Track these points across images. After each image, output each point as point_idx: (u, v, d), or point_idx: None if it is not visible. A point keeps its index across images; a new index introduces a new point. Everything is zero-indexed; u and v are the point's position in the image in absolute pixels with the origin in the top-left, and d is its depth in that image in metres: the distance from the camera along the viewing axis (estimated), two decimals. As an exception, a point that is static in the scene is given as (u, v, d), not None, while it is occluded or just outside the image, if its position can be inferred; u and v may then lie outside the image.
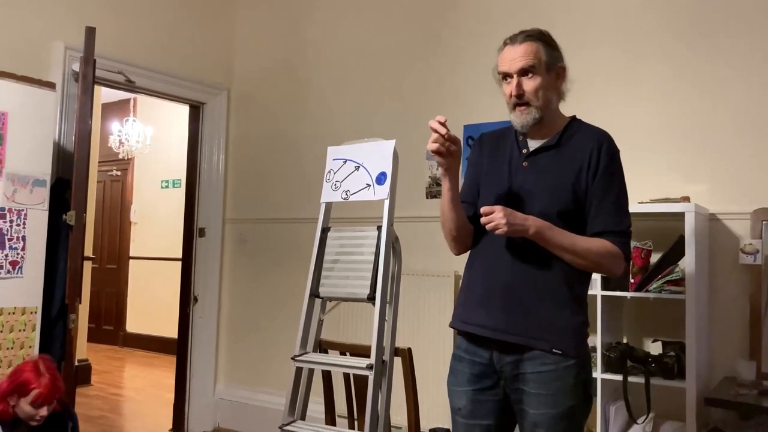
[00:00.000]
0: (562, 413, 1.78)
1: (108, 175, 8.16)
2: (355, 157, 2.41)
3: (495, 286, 1.86)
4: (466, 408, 1.90)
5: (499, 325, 1.82)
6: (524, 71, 1.83)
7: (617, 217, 1.83)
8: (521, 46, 1.84)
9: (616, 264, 1.83)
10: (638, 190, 2.95)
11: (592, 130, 1.91)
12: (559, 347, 1.78)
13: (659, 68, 3.09)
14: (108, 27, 3.68)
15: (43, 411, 2.54)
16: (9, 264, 2.85)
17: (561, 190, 1.83)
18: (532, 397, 1.80)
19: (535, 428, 1.80)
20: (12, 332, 2.85)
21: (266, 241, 4.40)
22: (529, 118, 1.85)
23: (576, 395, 1.79)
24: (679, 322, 2.64)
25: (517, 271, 1.83)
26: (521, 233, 1.77)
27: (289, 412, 2.35)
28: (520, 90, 1.83)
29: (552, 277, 1.82)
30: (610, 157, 1.85)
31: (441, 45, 3.76)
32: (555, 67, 1.87)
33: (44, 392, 2.52)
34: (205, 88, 4.50)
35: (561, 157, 1.86)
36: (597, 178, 1.82)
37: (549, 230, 1.79)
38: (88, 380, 5.77)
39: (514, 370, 1.82)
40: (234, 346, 4.50)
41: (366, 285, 2.28)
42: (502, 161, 1.95)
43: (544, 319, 1.80)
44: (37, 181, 2.98)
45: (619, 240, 1.81)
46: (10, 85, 2.89)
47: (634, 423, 2.75)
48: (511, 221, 1.74)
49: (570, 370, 1.78)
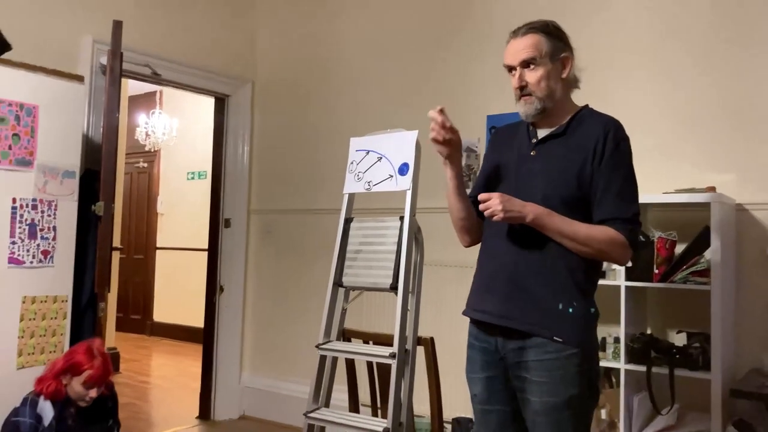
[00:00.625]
0: (563, 402, 1.78)
1: (135, 167, 8.28)
2: (378, 148, 2.43)
3: (498, 273, 1.88)
4: (482, 395, 1.93)
5: (502, 311, 1.85)
6: (526, 63, 1.87)
7: (622, 204, 1.81)
8: (523, 39, 1.88)
9: (621, 252, 1.82)
10: (663, 179, 2.94)
11: (601, 118, 1.91)
12: (560, 335, 1.79)
13: (686, 55, 3.05)
14: (134, 20, 3.73)
15: (92, 392, 2.63)
16: (41, 253, 2.92)
17: (565, 177, 1.84)
18: (533, 384, 1.81)
19: (536, 417, 1.81)
20: (44, 320, 2.92)
21: (290, 232, 4.44)
22: (531, 108, 1.88)
23: (578, 385, 1.79)
24: (704, 313, 2.62)
25: (520, 259, 1.85)
26: (519, 220, 1.80)
27: (314, 399, 2.38)
28: (522, 81, 1.88)
29: (555, 265, 1.82)
30: (616, 144, 1.84)
31: (463, 35, 3.75)
32: (558, 57, 1.89)
33: (96, 374, 2.62)
34: (230, 81, 4.55)
35: (567, 144, 1.87)
36: (602, 165, 1.82)
37: (548, 216, 1.80)
38: (116, 368, 5.88)
39: (517, 357, 1.84)
40: (259, 335, 4.56)
41: (389, 275, 2.29)
42: (511, 151, 1.98)
43: (546, 306, 1.81)
44: (67, 172, 3.04)
45: (624, 227, 1.80)
46: (41, 79, 2.95)
47: (658, 414, 2.74)
48: (508, 207, 1.77)
49: (572, 359, 1.78)
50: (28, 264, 2.87)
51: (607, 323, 3.02)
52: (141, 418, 4.50)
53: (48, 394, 2.59)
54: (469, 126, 3.50)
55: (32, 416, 2.55)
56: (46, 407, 2.58)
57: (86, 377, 2.61)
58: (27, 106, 2.89)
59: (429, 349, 2.44)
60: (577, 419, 1.82)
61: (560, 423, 1.79)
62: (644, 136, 3.08)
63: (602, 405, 2.84)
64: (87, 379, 2.61)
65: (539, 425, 1.81)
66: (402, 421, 2.21)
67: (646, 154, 3.05)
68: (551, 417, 1.79)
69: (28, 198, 2.89)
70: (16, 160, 2.85)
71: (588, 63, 3.21)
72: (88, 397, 2.63)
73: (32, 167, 2.91)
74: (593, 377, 1.85)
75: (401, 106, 3.93)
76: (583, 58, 3.31)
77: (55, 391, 2.60)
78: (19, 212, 2.85)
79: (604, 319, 3.05)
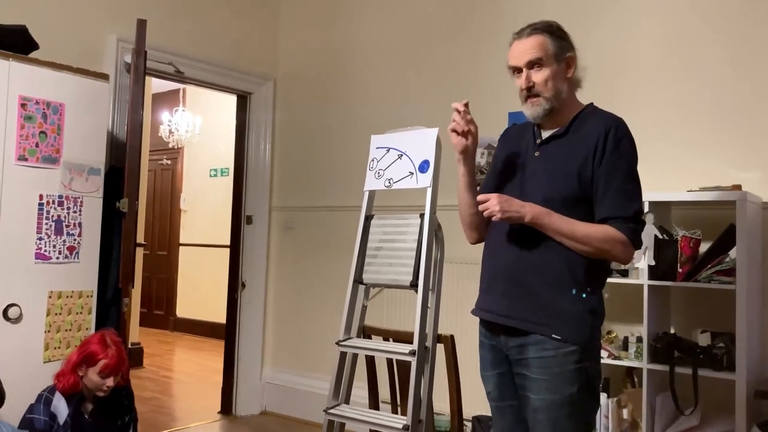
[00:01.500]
0: (562, 400, 1.78)
1: (158, 164, 8.37)
2: (398, 145, 2.43)
3: (499, 272, 1.91)
4: (494, 392, 1.96)
5: (503, 309, 1.88)
6: (532, 64, 1.87)
7: (624, 201, 1.81)
8: (528, 40, 1.88)
9: (620, 250, 1.80)
10: (688, 177, 2.90)
11: (604, 116, 1.89)
12: (558, 332, 1.79)
13: (712, 52, 3.01)
14: (158, 19, 3.77)
15: (109, 381, 2.66)
16: (67, 249, 2.97)
17: (566, 177, 1.84)
18: (533, 381, 1.82)
19: (536, 414, 1.82)
20: (70, 314, 2.96)
21: (311, 229, 4.46)
22: (539, 110, 1.88)
23: (576, 382, 1.79)
24: (729, 313, 2.59)
25: (519, 257, 1.87)
26: (518, 220, 1.81)
27: (334, 395, 2.39)
28: (529, 82, 1.88)
29: (554, 263, 1.82)
30: (617, 142, 1.82)
31: (485, 33, 3.73)
32: (563, 58, 1.89)
33: (111, 363, 2.65)
34: (252, 78, 4.57)
35: (569, 144, 1.87)
36: (603, 164, 1.81)
37: (547, 216, 1.80)
38: (140, 363, 5.96)
39: (518, 354, 1.86)
40: (280, 331, 4.58)
41: (409, 272, 2.29)
42: (518, 152, 1.99)
43: (544, 304, 1.82)
44: (92, 169, 3.08)
45: (624, 225, 1.79)
46: (67, 77, 3.00)
47: (681, 414, 2.71)
48: (506, 208, 1.79)
49: (570, 357, 1.78)
50: (54, 259, 2.92)
51: (629, 322, 3.00)
52: (163, 412, 4.55)
53: (66, 389, 2.62)
54: (491, 123, 3.48)
55: (46, 414, 2.57)
56: (60, 405, 2.61)
57: (102, 366, 2.64)
58: (53, 104, 2.93)
59: (449, 347, 2.44)
60: (576, 418, 1.81)
61: (559, 421, 1.79)
62: (669, 133, 3.05)
63: (624, 404, 2.82)
64: (102, 368, 2.64)
65: (538, 422, 1.82)
66: (421, 419, 2.21)
67: (671, 152, 3.02)
68: (550, 414, 1.80)
69: (54, 195, 2.93)
70: (43, 157, 2.90)
71: (611, 60, 3.19)
72: (105, 386, 2.66)
73: (58, 164, 2.95)
74: (593, 376, 1.84)
75: (422, 103, 3.92)
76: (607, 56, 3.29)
77: (73, 384, 2.63)
78: (46, 209, 2.90)
79: (627, 319, 3.04)
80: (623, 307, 3.04)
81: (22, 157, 2.83)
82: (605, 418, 2.81)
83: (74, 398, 2.65)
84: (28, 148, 2.85)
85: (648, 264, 2.71)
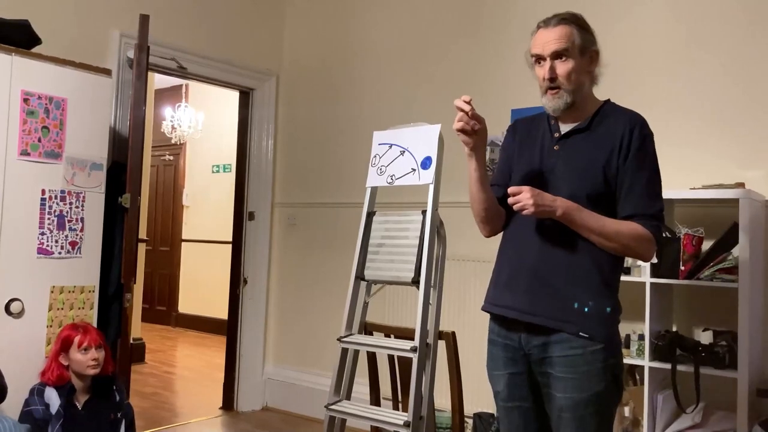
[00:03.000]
0: (589, 398, 1.77)
1: (161, 160, 8.37)
2: (401, 141, 2.42)
3: (522, 268, 1.86)
4: (504, 392, 1.92)
5: (526, 307, 1.83)
6: (557, 54, 1.82)
7: (648, 200, 1.80)
8: (555, 29, 1.82)
9: (647, 247, 1.80)
10: (690, 175, 2.90)
11: (625, 113, 1.87)
12: (586, 331, 1.77)
13: (715, 49, 3.00)
14: (161, 14, 3.77)
15: (92, 353, 2.74)
16: (69, 244, 2.97)
17: (591, 173, 1.81)
18: (558, 380, 1.79)
19: (561, 413, 1.80)
20: (72, 309, 2.97)
21: (313, 225, 4.46)
22: (560, 102, 1.84)
23: (603, 380, 1.77)
24: (731, 311, 2.58)
25: (545, 254, 1.83)
26: (549, 214, 1.77)
27: (335, 392, 2.39)
28: (553, 73, 1.82)
29: (580, 260, 1.80)
30: (642, 140, 1.81)
31: (487, 29, 3.73)
32: (588, 51, 1.85)
33: (85, 336, 2.76)
34: (255, 75, 4.57)
35: (592, 140, 1.85)
36: (628, 161, 1.79)
37: (577, 211, 1.78)
38: (142, 358, 5.97)
39: (542, 353, 1.82)
40: (282, 328, 4.59)
41: (411, 269, 2.29)
42: (534, 145, 1.95)
43: (571, 302, 1.79)
44: (95, 164, 3.09)
45: (650, 223, 1.78)
46: (69, 72, 3.00)
47: (683, 412, 2.71)
48: (539, 202, 1.74)
49: (597, 355, 1.77)
50: (56, 254, 2.92)
51: (631, 320, 2.99)
52: (165, 407, 4.56)
53: (53, 380, 2.70)
54: (494, 120, 3.44)
55: (42, 404, 2.66)
56: (52, 395, 2.68)
57: (79, 341, 2.74)
58: (56, 99, 2.93)
59: (450, 344, 2.43)
60: (602, 416, 1.80)
61: (585, 419, 1.78)
62: (672, 131, 3.04)
63: (626, 402, 2.82)
64: (80, 343, 2.74)
65: (564, 421, 1.80)
66: (423, 415, 2.21)
67: (674, 150, 3.01)
68: (576, 413, 1.77)
69: (56, 190, 2.94)
70: (46, 152, 2.90)
71: (617, 58, 3.18)
72: (91, 360, 2.73)
73: (61, 159, 2.96)
74: (618, 373, 1.83)
75: (425, 99, 3.91)
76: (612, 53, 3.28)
77: (59, 375, 2.71)
78: (48, 204, 2.90)
79: (629, 316, 3.02)
80: (625, 304, 3.00)
81: (24, 152, 2.83)
82: (607, 415, 2.81)
83: (65, 389, 2.70)
84: (30, 143, 2.85)
85: (650, 262, 2.71)
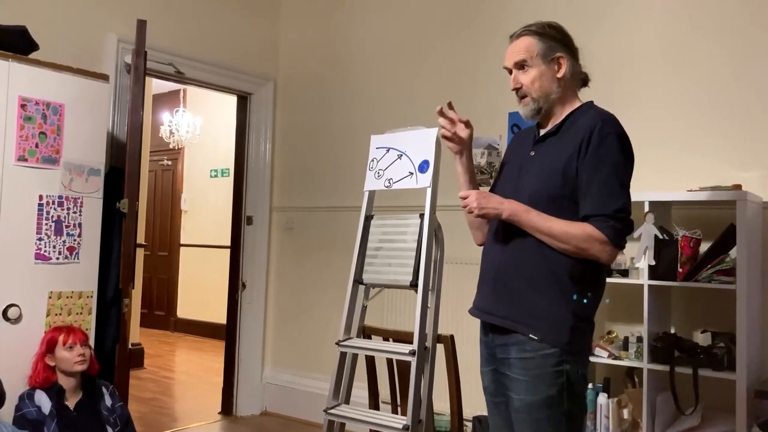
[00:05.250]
0: (541, 401, 1.78)
1: (159, 165, 8.37)
2: (398, 145, 2.43)
3: (488, 271, 1.94)
4: (490, 387, 1.98)
5: (488, 307, 1.91)
6: (519, 65, 1.93)
7: (604, 199, 1.75)
8: (517, 42, 1.94)
9: (599, 248, 1.74)
10: (688, 177, 2.90)
11: (594, 113, 1.86)
12: (537, 334, 1.78)
13: (712, 51, 3.01)
14: (158, 19, 3.77)
15: (78, 349, 2.77)
16: (67, 250, 2.97)
17: (551, 175, 1.83)
18: (514, 382, 1.84)
19: (517, 414, 1.83)
20: (70, 315, 2.97)
21: (311, 229, 4.46)
22: (528, 110, 1.92)
23: (555, 385, 1.76)
24: (729, 312, 2.58)
25: (506, 256, 1.88)
26: (496, 216, 1.84)
27: (334, 396, 2.39)
28: (516, 84, 1.94)
29: (538, 263, 1.81)
30: (602, 138, 1.78)
31: (483, 32, 3.73)
32: (552, 57, 1.89)
33: (69, 334, 2.78)
34: (253, 79, 4.58)
35: (559, 143, 1.87)
36: (586, 160, 1.78)
37: (525, 213, 1.81)
38: (141, 363, 5.96)
39: (503, 353, 1.88)
40: (280, 332, 4.58)
41: (409, 272, 2.29)
42: (519, 153, 2.02)
43: (527, 304, 1.82)
44: (92, 170, 3.08)
45: (605, 224, 1.74)
46: (67, 78, 3.00)
47: (681, 414, 2.71)
48: (483, 204, 1.82)
49: (550, 359, 1.77)
50: (54, 260, 2.92)
51: (629, 322, 3.00)
52: (164, 412, 4.55)
53: (40, 381, 2.72)
54: (491, 123, 3.48)
55: (33, 406, 2.67)
56: (42, 398, 2.70)
57: (63, 340, 2.76)
58: (53, 104, 2.94)
59: (449, 347, 2.44)
60: (558, 420, 1.78)
61: (539, 422, 1.79)
62: (669, 133, 3.05)
63: (625, 404, 2.82)
64: (65, 341, 2.76)
65: (520, 422, 1.83)
66: (422, 419, 2.21)
67: (671, 151, 3.02)
68: (530, 415, 1.80)
69: (54, 195, 2.93)
70: (43, 158, 2.90)
71: (611, 60, 3.19)
72: (77, 356, 2.75)
73: (58, 165, 2.95)
74: (575, 380, 1.79)
75: (421, 103, 3.91)
76: (607, 55, 3.29)
77: (45, 377, 2.73)
78: (46, 209, 2.90)
79: (627, 319, 3.04)
80: (623, 307, 3.04)
81: (21, 158, 2.83)
82: (605, 418, 2.81)
83: (53, 390, 2.71)
84: (27, 148, 2.85)
85: (648, 264, 2.71)
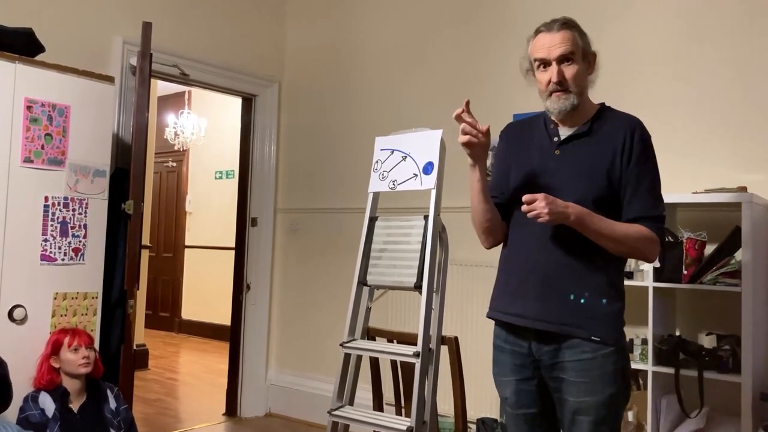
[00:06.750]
0: (603, 401, 1.79)
1: (164, 166, 8.38)
2: (403, 147, 2.43)
3: (531, 275, 1.86)
4: (512, 398, 1.93)
5: (537, 314, 1.84)
6: (564, 58, 1.84)
7: (653, 202, 1.83)
8: (558, 34, 1.84)
9: (652, 249, 1.84)
10: (693, 179, 2.89)
11: (624, 116, 1.90)
12: (597, 335, 1.79)
13: (716, 52, 3.00)
14: (164, 21, 3.79)
15: (83, 351, 2.76)
16: (72, 251, 2.98)
17: (596, 177, 1.83)
18: (571, 385, 1.81)
19: (576, 416, 1.81)
20: (75, 316, 2.97)
21: (316, 231, 4.46)
22: (567, 104, 1.85)
23: (615, 383, 1.81)
24: (734, 315, 2.57)
25: (553, 259, 1.84)
26: (562, 220, 1.76)
27: (338, 397, 2.39)
28: (561, 77, 1.83)
29: (588, 265, 1.82)
30: (644, 143, 1.84)
31: (489, 34, 3.73)
32: (589, 55, 1.89)
33: (74, 336, 2.78)
34: (257, 81, 4.58)
35: (593, 144, 1.86)
36: (631, 165, 1.82)
37: (588, 216, 1.78)
38: (145, 364, 5.97)
39: (553, 358, 1.83)
40: (285, 333, 4.59)
41: (413, 274, 2.29)
42: (531, 150, 1.96)
43: (581, 306, 1.81)
44: (98, 171, 3.10)
45: (655, 225, 1.82)
46: (72, 80, 3.01)
47: (686, 417, 2.70)
48: (553, 209, 1.73)
49: (609, 358, 1.79)
50: (59, 261, 2.93)
51: (634, 324, 2.98)
52: (169, 413, 4.56)
53: (44, 383, 2.71)
54: (496, 125, 3.47)
55: (37, 409, 2.67)
56: (46, 401, 2.68)
57: (68, 342, 2.76)
58: (59, 106, 2.95)
59: (453, 349, 2.43)
60: (614, 417, 1.84)
61: (598, 422, 1.80)
62: (674, 135, 3.04)
63: (630, 407, 2.81)
64: (70, 343, 2.75)
65: (577, 424, 1.81)
66: (426, 420, 2.21)
67: (676, 154, 3.01)
68: (590, 416, 1.80)
69: (59, 196, 2.94)
70: (49, 159, 2.91)
71: (617, 61, 3.19)
72: (82, 359, 2.74)
73: (64, 166, 2.97)
74: (628, 374, 1.87)
75: (426, 105, 3.92)
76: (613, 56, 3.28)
77: (50, 379, 2.72)
78: (51, 210, 2.91)
79: (632, 321, 3.01)
80: (628, 309, 3.00)
81: (27, 159, 2.84)
82: (610, 420, 2.80)
83: (57, 393, 2.71)
84: (33, 150, 2.86)
85: (653, 266, 2.70)
